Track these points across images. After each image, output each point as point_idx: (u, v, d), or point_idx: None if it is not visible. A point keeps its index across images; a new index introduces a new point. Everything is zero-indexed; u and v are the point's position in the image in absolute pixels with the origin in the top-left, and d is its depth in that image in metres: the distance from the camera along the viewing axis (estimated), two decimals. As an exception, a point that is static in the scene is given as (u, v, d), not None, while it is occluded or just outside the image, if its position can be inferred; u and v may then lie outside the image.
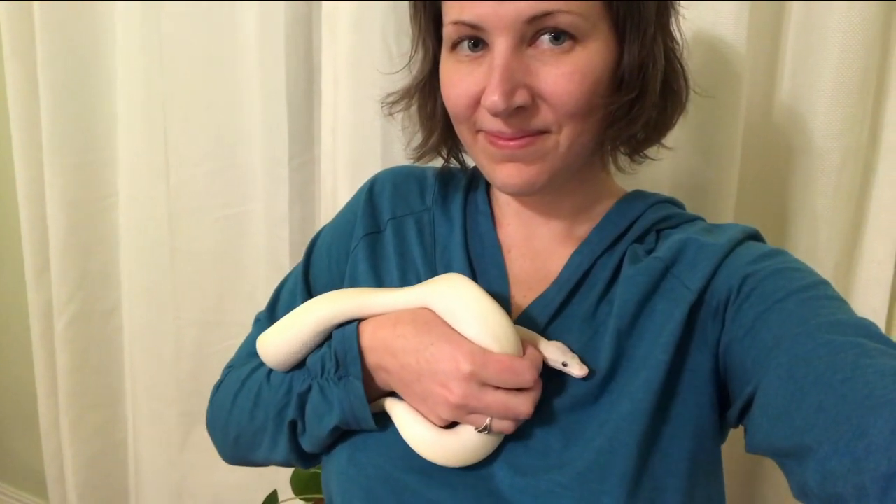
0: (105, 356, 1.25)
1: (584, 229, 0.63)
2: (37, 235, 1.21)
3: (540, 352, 0.55)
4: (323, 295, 0.62)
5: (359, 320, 0.59)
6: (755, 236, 0.59)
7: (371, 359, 0.57)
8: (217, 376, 0.71)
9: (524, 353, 0.53)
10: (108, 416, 1.29)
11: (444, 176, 0.69)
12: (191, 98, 1.05)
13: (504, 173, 0.56)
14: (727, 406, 0.55)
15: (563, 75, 0.52)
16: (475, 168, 0.69)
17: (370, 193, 0.69)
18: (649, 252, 0.59)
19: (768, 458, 0.48)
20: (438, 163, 0.68)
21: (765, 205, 0.80)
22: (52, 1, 1.04)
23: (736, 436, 0.58)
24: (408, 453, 0.56)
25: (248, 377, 0.66)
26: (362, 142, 0.92)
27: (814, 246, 0.78)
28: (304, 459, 0.64)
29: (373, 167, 0.89)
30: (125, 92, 1.08)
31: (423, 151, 0.67)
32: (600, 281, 0.59)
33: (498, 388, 0.52)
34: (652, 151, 0.62)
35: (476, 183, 0.69)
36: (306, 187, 1.04)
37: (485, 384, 0.52)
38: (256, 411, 0.64)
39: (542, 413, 0.55)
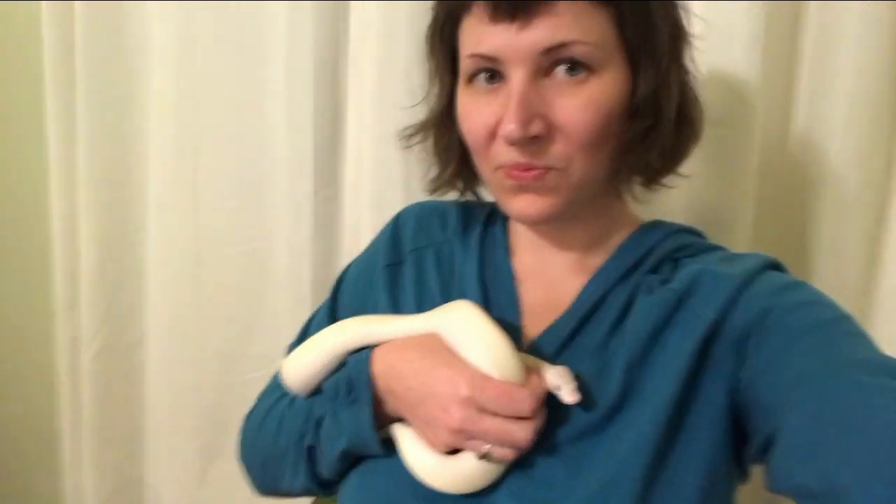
0: (128, 389, 1.26)
1: (598, 259, 0.63)
2: (68, 270, 1.23)
3: (543, 378, 0.55)
4: (340, 322, 0.64)
5: (373, 346, 0.60)
6: (776, 266, 0.59)
7: (381, 383, 0.58)
8: (238, 410, 0.73)
9: (527, 382, 0.54)
10: (129, 451, 1.29)
11: (466, 209, 0.72)
12: (220, 135, 1.08)
13: (519, 205, 0.58)
14: (744, 442, 0.54)
15: (579, 107, 0.54)
16: (495, 203, 0.71)
17: (395, 226, 0.72)
18: (664, 282, 0.59)
19: (790, 498, 0.47)
20: (463, 197, 0.69)
21: (782, 235, 0.81)
22: (93, 43, 1.09)
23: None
24: (414, 480, 0.57)
25: (274, 405, 0.68)
26: (386, 176, 0.95)
27: (831, 276, 0.79)
28: (323, 486, 0.65)
29: (395, 201, 0.92)
30: (158, 130, 1.11)
31: (439, 184, 0.69)
32: (613, 311, 0.59)
33: (497, 414, 0.52)
34: (667, 180, 0.63)
35: (495, 217, 0.71)
36: (330, 221, 1.06)
37: (483, 410, 0.53)
38: (279, 437, 0.65)
39: (547, 443, 0.55)
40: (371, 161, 0.96)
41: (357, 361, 0.60)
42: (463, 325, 0.57)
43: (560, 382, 0.54)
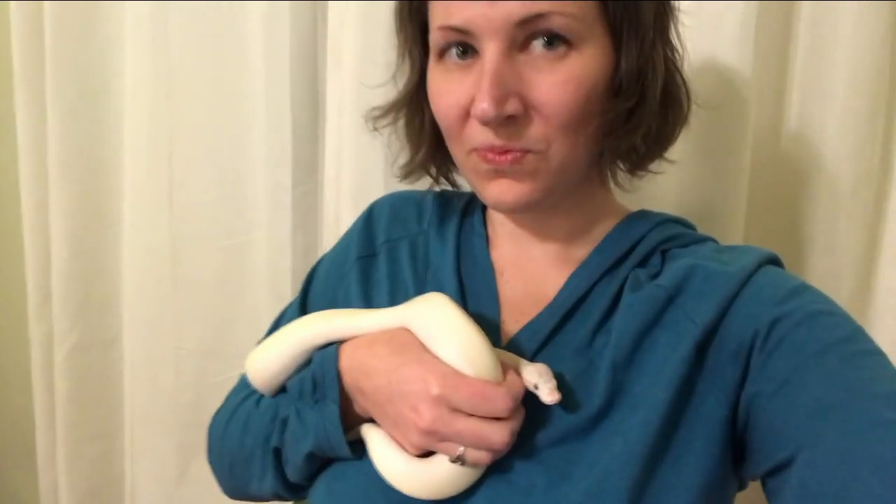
0: (104, 387, 1.23)
1: (582, 251, 0.60)
2: (40, 265, 1.19)
3: (520, 376, 0.51)
4: (306, 316, 0.60)
5: (341, 342, 0.57)
6: (773, 261, 0.56)
7: (348, 380, 0.55)
8: (217, 408, 0.70)
9: (503, 380, 0.50)
10: (106, 449, 1.26)
11: (443, 199, 0.68)
12: (196, 127, 1.05)
13: (495, 190, 0.54)
14: (743, 458, 0.51)
15: (558, 84, 0.50)
16: (473, 195, 0.67)
17: (368, 217, 0.68)
18: (653, 276, 0.56)
19: None
20: (437, 184, 0.66)
21: (775, 232, 0.78)
22: (63, 28, 1.05)
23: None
24: (384, 484, 0.53)
25: (240, 404, 0.65)
26: (366, 169, 0.92)
27: (826, 275, 0.76)
28: (292, 490, 0.62)
29: (376, 195, 0.87)
30: (132, 120, 1.07)
31: (410, 169, 0.65)
32: (598, 308, 0.56)
33: (471, 415, 0.49)
34: (654, 166, 0.59)
35: (473, 206, 0.67)
36: (309, 215, 1.03)
37: (456, 410, 0.49)
38: (246, 438, 0.61)
39: (527, 447, 0.52)
40: (351, 154, 0.93)
41: (323, 357, 0.56)
42: (435, 319, 0.53)
43: (538, 381, 0.50)
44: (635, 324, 0.53)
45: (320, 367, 0.56)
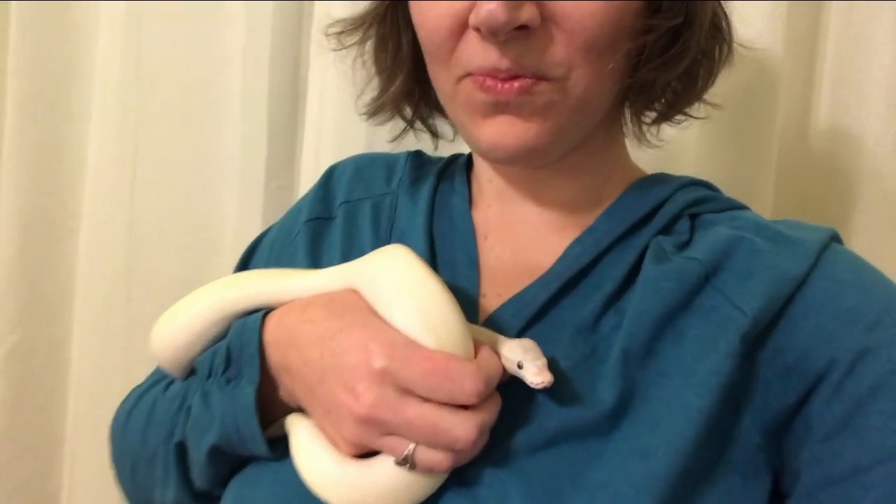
0: (47, 394, 1.12)
1: (588, 216, 0.49)
2: (-16, 256, 1.10)
3: (499, 355, 0.40)
4: (227, 276, 0.48)
5: (270, 309, 0.45)
6: (835, 239, 0.45)
7: (274, 356, 0.43)
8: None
9: (476, 356, 0.39)
10: (45, 464, 1.15)
11: (419, 159, 0.57)
12: (166, 117, 0.96)
13: (492, 130, 0.43)
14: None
15: None
16: (455, 155, 0.57)
17: (328, 177, 0.58)
18: (681, 247, 0.45)
19: None
20: (412, 128, 0.55)
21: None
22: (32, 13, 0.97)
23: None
24: (308, 494, 0.41)
25: (146, 391, 0.54)
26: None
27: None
28: (197, 500, 0.49)
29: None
30: (100, 105, 0.99)
31: (379, 104, 0.53)
32: (608, 281, 0.45)
33: (427, 399, 0.37)
34: (688, 113, 0.49)
35: (453, 166, 0.56)
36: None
37: (406, 391, 0.37)
38: (148, 433, 0.50)
39: (501, 451, 0.40)
40: (331, 147, 0.84)
41: (242, 327, 0.44)
42: (388, 275, 0.41)
43: (523, 357, 0.39)
44: (658, 305, 0.42)
45: (238, 339, 0.44)
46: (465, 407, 0.37)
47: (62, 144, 1.03)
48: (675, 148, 0.66)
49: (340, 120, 0.83)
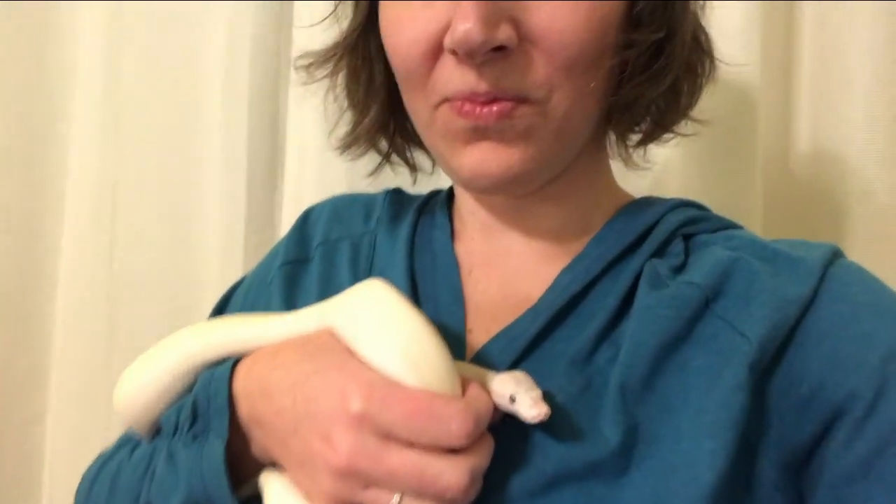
0: (19, 475, 1.06)
1: (576, 244, 0.47)
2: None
3: (489, 392, 0.37)
4: (195, 325, 0.45)
5: (239, 358, 0.42)
6: (838, 255, 0.43)
7: (244, 408, 0.40)
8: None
9: (463, 394, 0.36)
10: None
11: (398, 196, 0.55)
12: (144, 176, 0.95)
13: (474, 157, 0.41)
14: None
15: (566, 6, 0.38)
16: (435, 191, 0.56)
17: (304, 220, 0.56)
18: (677, 270, 0.42)
19: None
20: (389, 161, 0.54)
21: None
22: (6, 68, 0.97)
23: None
24: None
25: (111, 456, 0.50)
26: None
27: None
28: None
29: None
30: (76, 163, 0.98)
31: (353, 138, 0.51)
32: (601, 310, 0.42)
33: (411, 444, 0.34)
34: (674, 131, 0.48)
35: (433, 203, 0.54)
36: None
37: (388, 436, 0.34)
38: (113, 499, 0.46)
39: (499, 500, 0.36)
40: (312, 200, 0.83)
41: (209, 378, 0.41)
42: (365, 311, 0.38)
43: (516, 390, 0.36)
44: (656, 335, 0.39)
45: (205, 391, 0.40)
46: (454, 451, 0.34)
47: (37, 206, 1.01)
48: (660, 174, 0.65)
49: (321, 175, 0.83)
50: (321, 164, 0.83)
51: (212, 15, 0.91)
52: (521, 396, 0.36)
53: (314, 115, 0.83)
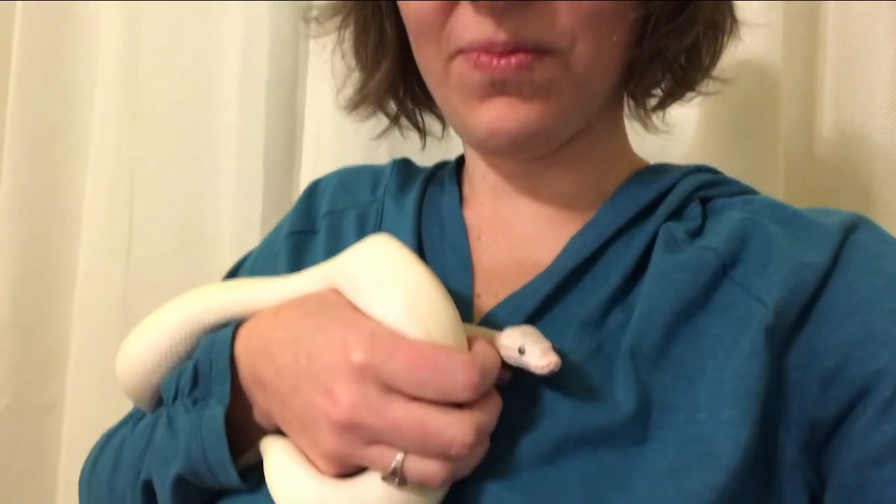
0: (37, 461, 1.07)
1: (589, 211, 0.45)
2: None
3: (496, 348, 0.35)
4: (197, 288, 0.44)
5: (242, 322, 0.41)
6: (860, 223, 0.40)
7: (245, 368, 0.39)
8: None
9: (469, 349, 0.34)
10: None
11: (406, 166, 0.54)
12: (161, 166, 0.96)
13: (490, 114, 0.39)
14: None
15: None
16: (443, 162, 0.55)
17: (311, 192, 0.55)
18: (693, 234, 0.41)
19: None
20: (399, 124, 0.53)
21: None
22: (30, 58, 0.98)
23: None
24: None
25: (114, 432, 0.49)
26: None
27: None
28: None
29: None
30: (96, 155, 0.99)
31: (362, 97, 0.50)
32: (614, 273, 0.40)
33: (415, 398, 0.33)
34: (698, 89, 0.46)
35: (442, 172, 0.53)
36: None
37: (391, 389, 0.33)
38: (116, 478, 0.45)
39: (506, 465, 0.35)
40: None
41: (211, 342, 0.40)
42: (368, 264, 0.37)
43: (524, 342, 0.35)
44: (672, 300, 0.38)
45: (206, 355, 0.39)
46: (459, 407, 0.33)
47: (57, 196, 1.02)
48: (681, 156, 0.64)
49: (337, 160, 0.81)
50: (339, 152, 0.82)
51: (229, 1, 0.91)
52: (531, 347, 0.34)
53: (332, 102, 0.83)
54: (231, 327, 0.41)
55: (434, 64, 0.42)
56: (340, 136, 0.83)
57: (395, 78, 0.49)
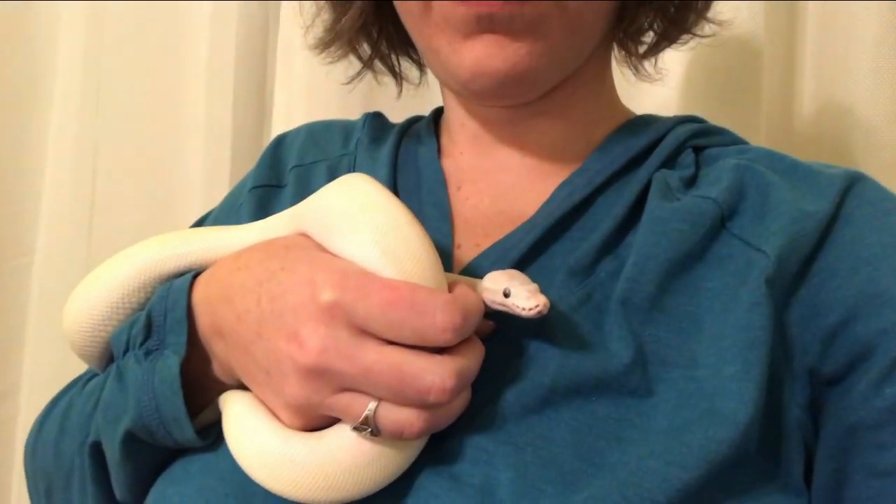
0: (-9, 451, 1.03)
1: (576, 161, 0.43)
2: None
3: (478, 293, 0.33)
4: (152, 238, 0.40)
5: (201, 271, 0.38)
6: (863, 176, 0.39)
7: (203, 317, 0.35)
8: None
9: (449, 291, 0.32)
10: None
11: (378, 120, 0.52)
12: (125, 140, 0.93)
13: (475, 53, 0.37)
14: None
15: None
16: (417, 116, 0.52)
17: (276, 145, 0.52)
18: (687, 183, 0.39)
19: None
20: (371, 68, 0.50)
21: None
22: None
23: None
24: (247, 483, 0.32)
25: (62, 394, 0.46)
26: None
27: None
28: None
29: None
30: (56, 134, 0.95)
31: (332, 36, 0.47)
32: (605, 221, 0.38)
33: (390, 342, 0.30)
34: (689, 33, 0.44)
35: (418, 125, 0.51)
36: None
37: (363, 331, 0.30)
38: (62, 442, 0.41)
39: (490, 416, 0.32)
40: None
41: (166, 291, 0.37)
42: (341, 202, 0.34)
43: (509, 284, 0.32)
44: (667, 250, 0.36)
45: (160, 304, 0.36)
46: (439, 352, 0.30)
47: (16, 175, 0.98)
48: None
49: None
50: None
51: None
52: (517, 289, 0.32)
53: (301, 83, 0.81)
54: (189, 275, 0.38)
55: (414, 3, 0.39)
56: (311, 117, 0.81)
57: (368, 15, 0.46)
